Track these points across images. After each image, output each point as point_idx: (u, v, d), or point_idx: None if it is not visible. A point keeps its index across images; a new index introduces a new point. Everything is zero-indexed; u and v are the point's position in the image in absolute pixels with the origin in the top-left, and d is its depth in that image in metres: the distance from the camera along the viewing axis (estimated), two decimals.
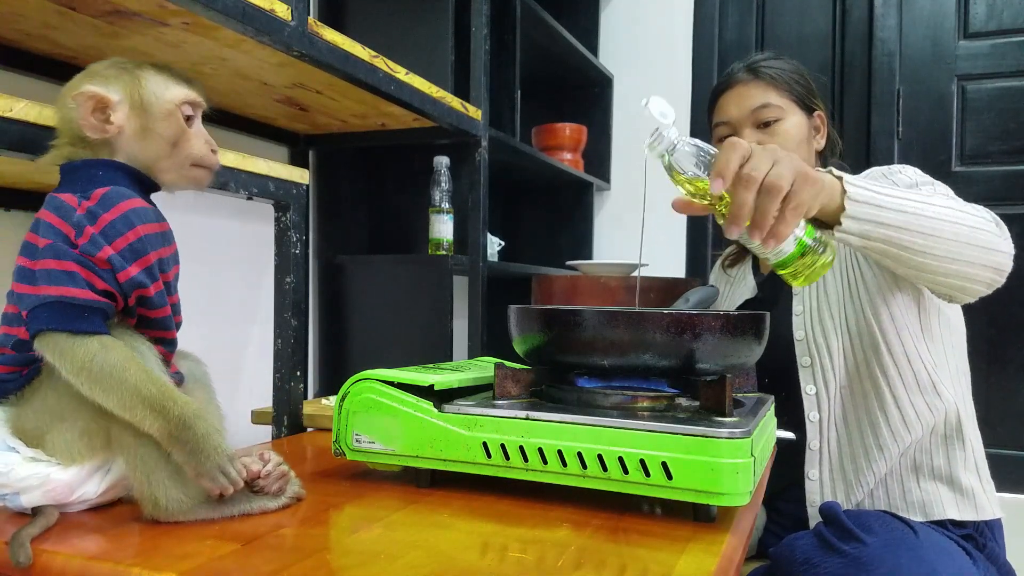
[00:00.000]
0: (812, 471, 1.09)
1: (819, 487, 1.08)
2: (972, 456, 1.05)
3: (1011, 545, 1.09)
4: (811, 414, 1.09)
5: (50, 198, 0.60)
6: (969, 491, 1.04)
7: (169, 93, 0.64)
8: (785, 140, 1.13)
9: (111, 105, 0.62)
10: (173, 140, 0.64)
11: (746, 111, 1.15)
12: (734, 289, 1.31)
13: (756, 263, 1.30)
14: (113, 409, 0.56)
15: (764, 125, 1.14)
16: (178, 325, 0.67)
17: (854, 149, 2.35)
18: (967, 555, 0.97)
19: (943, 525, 1.02)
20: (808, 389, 1.09)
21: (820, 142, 1.19)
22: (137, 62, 0.65)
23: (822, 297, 1.11)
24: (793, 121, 1.14)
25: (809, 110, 1.17)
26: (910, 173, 1.08)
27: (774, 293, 1.18)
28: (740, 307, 1.22)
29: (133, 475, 0.58)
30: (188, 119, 0.65)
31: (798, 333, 1.11)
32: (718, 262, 1.40)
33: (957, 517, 1.02)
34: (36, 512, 0.58)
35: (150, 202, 0.64)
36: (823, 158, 1.21)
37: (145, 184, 0.65)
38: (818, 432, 1.09)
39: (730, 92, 1.18)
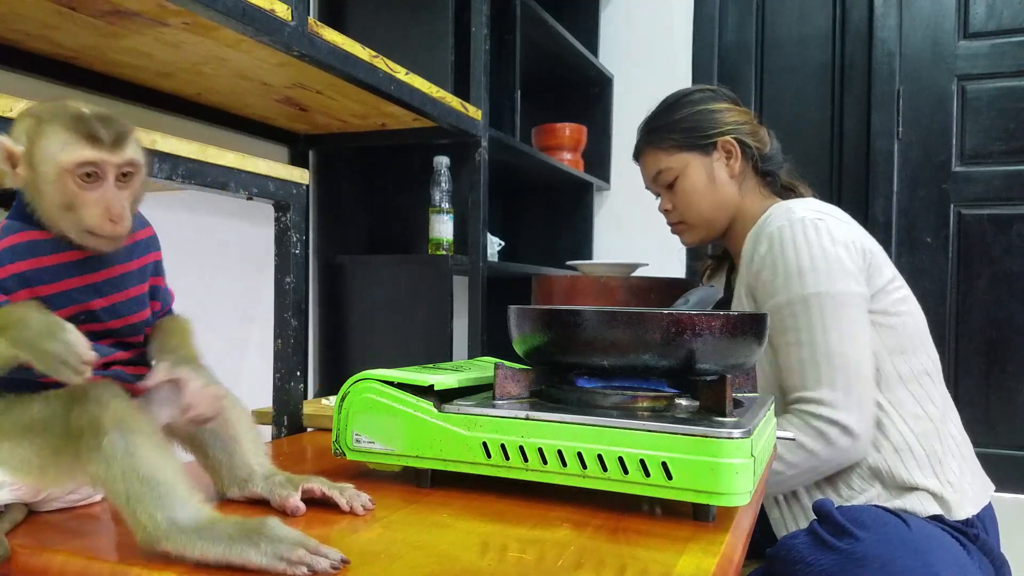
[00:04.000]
0: (773, 511, 1.10)
1: (782, 524, 1.09)
2: (928, 460, 1.04)
3: (1011, 544, 1.09)
4: None
5: None
6: (939, 494, 1.03)
7: (64, 155, 0.57)
8: (687, 196, 1.22)
9: (16, 157, 0.58)
10: (63, 205, 0.58)
11: (650, 180, 1.28)
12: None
13: (730, 277, 1.30)
14: None
15: (669, 186, 1.24)
16: (131, 345, 0.64)
17: (854, 149, 2.35)
18: (961, 547, 0.97)
19: (936, 518, 1.02)
20: None
21: (734, 166, 1.20)
22: (60, 109, 0.58)
23: None
24: (690, 173, 1.21)
25: (707, 146, 1.20)
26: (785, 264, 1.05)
27: None
28: None
29: (111, 500, 0.53)
30: (93, 182, 0.58)
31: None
32: (702, 275, 1.42)
33: (946, 515, 1.02)
34: (6, 509, 0.58)
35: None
36: (756, 170, 1.21)
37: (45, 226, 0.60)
38: None
39: (639, 162, 1.30)
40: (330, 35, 1.06)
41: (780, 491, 1.06)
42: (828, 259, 1.02)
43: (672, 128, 1.22)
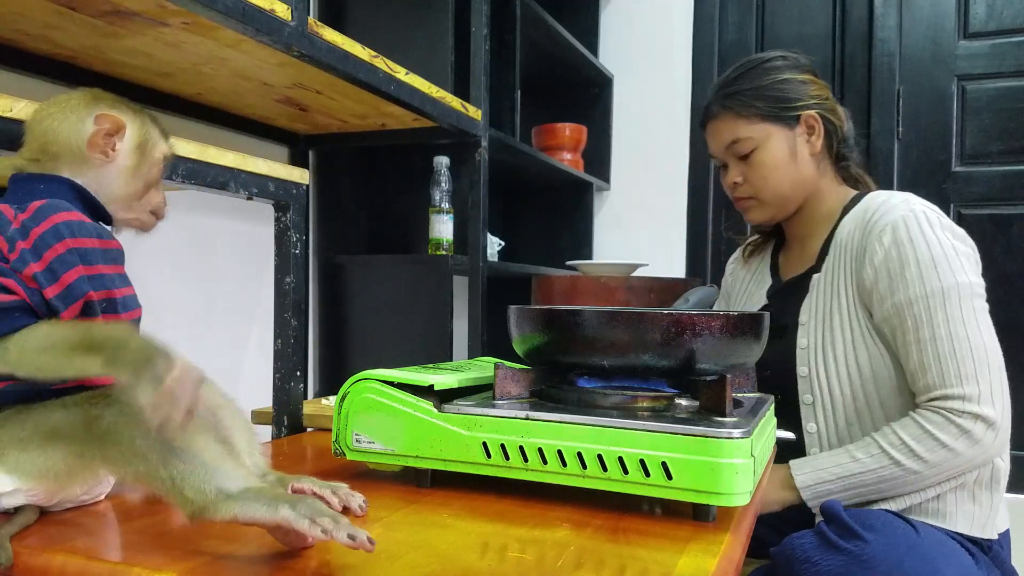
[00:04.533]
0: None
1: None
2: (992, 471, 1.03)
3: (1013, 546, 1.09)
4: (812, 450, 1.08)
5: None
6: (985, 506, 1.01)
7: (162, 144, 0.69)
8: (765, 170, 1.13)
9: (123, 134, 0.65)
10: (149, 186, 0.68)
11: (722, 148, 1.16)
12: (751, 289, 1.26)
13: (776, 259, 1.26)
14: (58, 373, 0.55)
15: (743, 157, 1.14)
16: None
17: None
18: (970, 556, 0.96)
19: (957, 535, 1.01)
20: (809, 427, 1.08)
21: (816, 143, 1.13)
22: (134, 104, 0.68)
23: (827, 334, 1.07)
24: (770, 146, 1.12)
25: (791, 119, 1.13)
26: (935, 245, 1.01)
27: (781, 317, 1.12)
28: None
29: (153, 489, 0.54)
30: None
31: (802, 369, 1.08)
32: (738, 250, 1.35)
33: (968, 532, 1.00)
34: (16, 511, 0.58)
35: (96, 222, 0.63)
36: (831, 151, 1.16)
37: (93, 207, 0.65)
38: None
39: (708, 127, 1.19)
40: (330, 35, 1.06)
41: (911, 490, 1.01)
42: (957, 252, 1.01)
43: (756, 94, 1.12)
